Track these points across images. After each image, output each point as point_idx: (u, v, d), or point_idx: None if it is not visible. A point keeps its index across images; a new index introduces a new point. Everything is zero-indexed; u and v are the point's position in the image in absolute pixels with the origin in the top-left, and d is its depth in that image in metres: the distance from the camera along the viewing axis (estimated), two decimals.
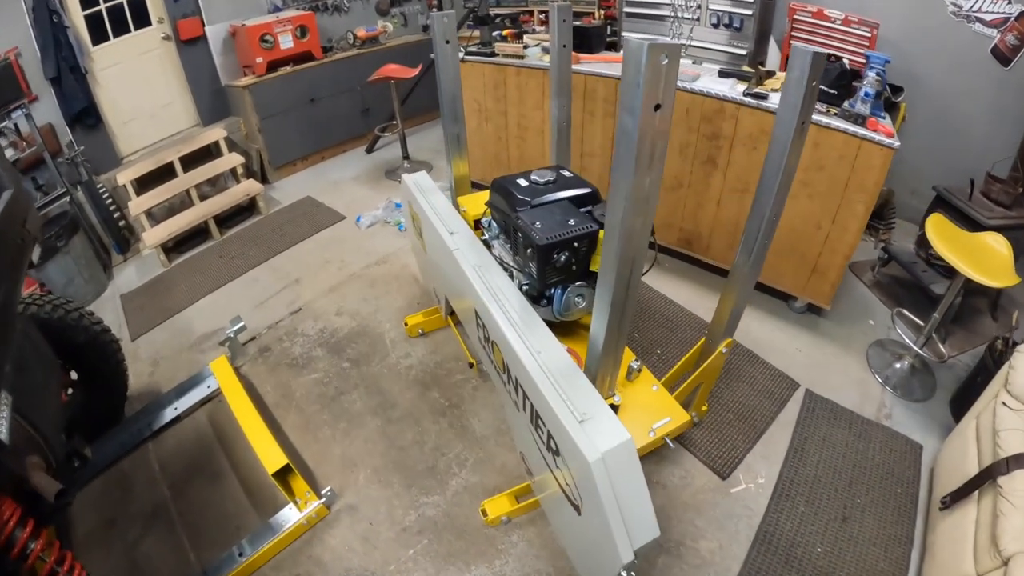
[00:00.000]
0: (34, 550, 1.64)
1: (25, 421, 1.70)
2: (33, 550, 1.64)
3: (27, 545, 1.63)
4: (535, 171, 2.08)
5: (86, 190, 4.37)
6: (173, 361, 3.42)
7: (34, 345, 2.10)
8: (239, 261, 4.29)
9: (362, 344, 3.23)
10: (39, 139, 4.07)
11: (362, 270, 3.93)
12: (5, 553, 1.59)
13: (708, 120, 3.03)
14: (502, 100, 3.91)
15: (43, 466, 1.77)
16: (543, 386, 1.52)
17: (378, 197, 4.84)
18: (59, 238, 3.90)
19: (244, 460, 2.67)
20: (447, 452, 2.57)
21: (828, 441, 2.53)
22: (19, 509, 1.64)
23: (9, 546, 1.59)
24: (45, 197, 4.19)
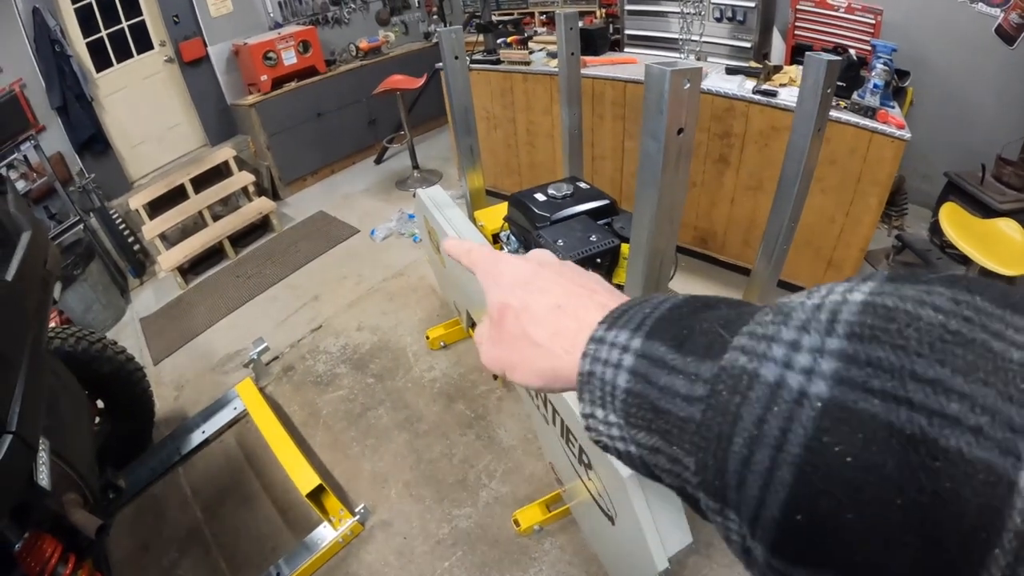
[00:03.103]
0: None
1: (60, 460, 1.73)
2: None
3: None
4: (552, 184, 2.10)
5: (99, 216, 4.42)
6: (197, 384, 3.47)
7: (62, 381, 2.14)
8: (256, 280, 4.34)
9: (385, 359, 3.27)
10: (49, 169, 4.13)
11: (380, 284, 3.97)
12: None
13: (718, 119, 3.05)
14: (510, 107, 3.94)
15: (80, 502, 1.81)
16: (573, 401, 1.55)
17: (390, 209, 4.89)
18: (75, 266, 3.95)
19: (275, 480, 2.71)
20: (476, 464, 2.61)
21: None
22: (60, 545, 1.67)
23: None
24: (59, 226, 4.25)
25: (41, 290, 1.88)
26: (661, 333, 0.33)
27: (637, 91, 3.22)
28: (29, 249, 1.83)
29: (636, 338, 0.34)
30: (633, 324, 0.35)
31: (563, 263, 0.48)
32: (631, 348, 0.34)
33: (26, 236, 1.88)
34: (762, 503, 0.25)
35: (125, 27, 4.69)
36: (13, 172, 4.04)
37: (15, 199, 2.05)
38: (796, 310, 0.27)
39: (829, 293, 0.27)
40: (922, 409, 0.22)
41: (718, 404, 0.27)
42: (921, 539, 0.21)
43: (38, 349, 1.70)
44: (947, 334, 0.22)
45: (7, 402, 1.40)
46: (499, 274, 0.48)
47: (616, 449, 0.35)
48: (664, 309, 0.35)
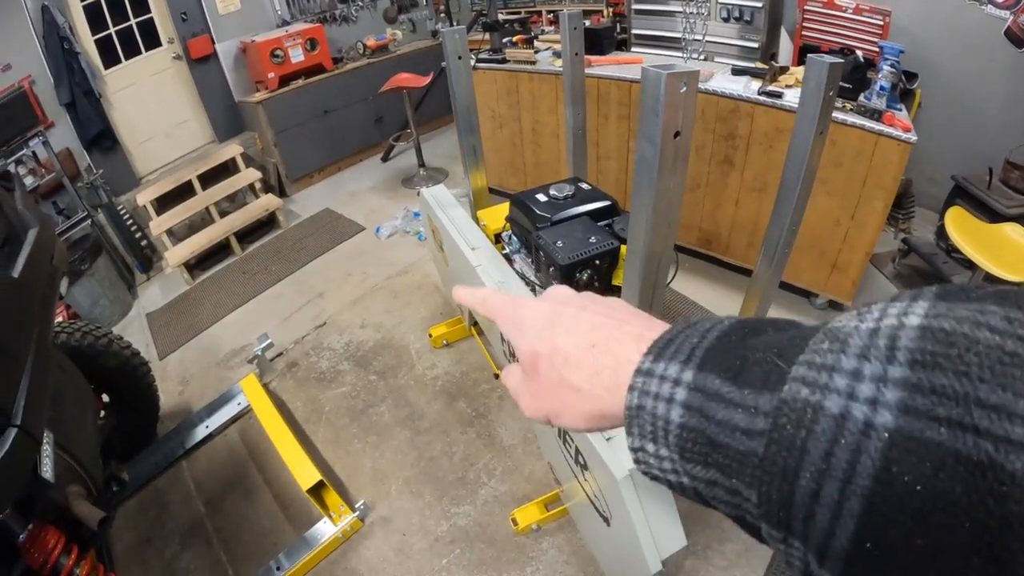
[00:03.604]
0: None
1: (65, 453, 1.76)
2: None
3: (72, 572, 1.70)
4: (553, 185, 2.11)
5: (107, 212, 4.47)
6: (202, 379, 3.51)
7: (68, 375, 2.17)
8: (262, 276, 4.38)
9: (388, 356, 3.29)
10: (57, 165, 4.18)
11: (384, 281, 3.99)
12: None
13: (723, 120, 3.05)
14: (515, 106, 3.95)
15: (84, 494, 1.84)
16: None
17: (396, 207, 4.91)
18: (83, 261, 3.99)
19: (277, 475, 2.74)
20: (476, 462, 2.62)
21: None
22: (63, 537, 1.71)
23: (55, 573, 1.67)
24: (67, 221, 4.29)
25: (47, 286, 1.91)
26: (713, 364, 0.32)
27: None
28: (36, 245, 1.85)
29: (687, 370, 0.33)
30: (682, 355, 0.34)
31: (583, 296, 0.47)
32: (683, 381, 0.33)
33: (33, 232, 1.90)
34: (831, 534, 0.25)
35: (133, 24, 4.74)
36: (22, 168, 4.07)
37: (22, 196, 2.08)
38: (852, 336, 0.27)
39: (883, 316, 0.27)
40: (987, 435, 0.22)
41: (782, 439, 0.27)
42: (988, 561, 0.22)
43: (44, 344, 1.72)
44: (1005, 356, 0.23)
45: (12, 396, 1.42)
46: (520, 320, 0.47)
47: (668, 481, 0.35)
48: (713, 338, 0.34)
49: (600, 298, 0.46)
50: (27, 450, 1.43)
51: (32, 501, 1.64)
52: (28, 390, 1.47)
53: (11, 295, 1.56)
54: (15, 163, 4.01)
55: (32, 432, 1.44)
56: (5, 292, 1.54)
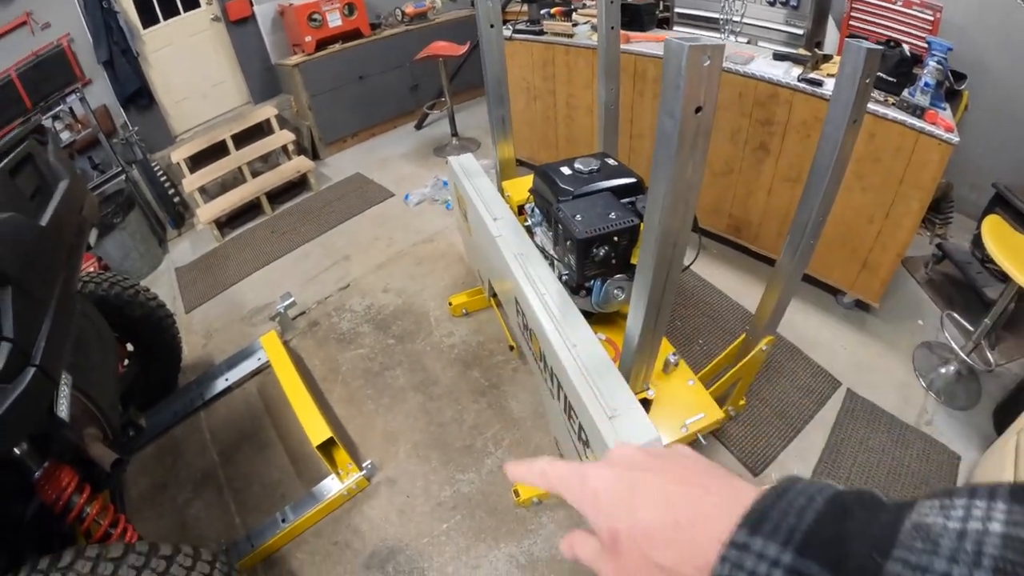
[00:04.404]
0: (90, 514, 1.78)
1: (83, 396, 1.81)
2: (89, 514, 1.78)
3: (84, 510, 1.76)
4: (579, 159, 2.08)
5: (141, 168, 4.53)
6: (226, 333, 3.57)
7: (92, 323, 2.22)
8: (290, 236, 4.42)
9: (407, 321, 3.32)
10: (93, 121, 4.26)
11: (410, 248, 4.02)
12: (63, 516, 1.73)
13: (761, 105, 2.98)
14: (551, 79, 3.90)
15: (100, 436, 1.89)
16: (576, 380, 1.56)
17: (426, 175, 4.91)
18: (115, 215, 4.08)
19: (291, 431, 2.79)
20: (485, 431, 2.64)
21: (865, 445, 2.48)
22: (76, 476, 1.77)
23: (67, 510, 1.73)
24: (101, 176, 4.40)
25: (75, 235, 1.94)
26: (813, 550, 0.32)
27: None
28: (65, 196, 1.88)
29: (786, 553, 0.33)
30: (781, 536, 0.34)
31: (653, 455, 0.45)
32: (782, 563, 0.33)
33: (63, 184, 1.94)
34: None
35: None
36: (59, 123, 4.16)
37: (55, 149, 2.12)
38: (943, 537, 0.29)
39: (968, 517, 0.30)
40: None
41: None
42: None
43: (68, 291, 1.76)
44: None
45: (33, 337, 1.46)
46: (592, 495, 0.45)
47: None
48: (811, 520, 0.34)
49: (669, 453, 0.45)
50: (44, 389, 1.46)
51: (49, 440, 1.70)
52: (49, 333, 1.51)
53: (38, 242, 1.59)
54: (52, 118, 4.09)
55: (50, 372, 1.48)
56: (32, 239, 1.57)
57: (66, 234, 1.84)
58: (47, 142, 2.14)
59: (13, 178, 1.70)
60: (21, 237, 1.53)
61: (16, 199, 1.64)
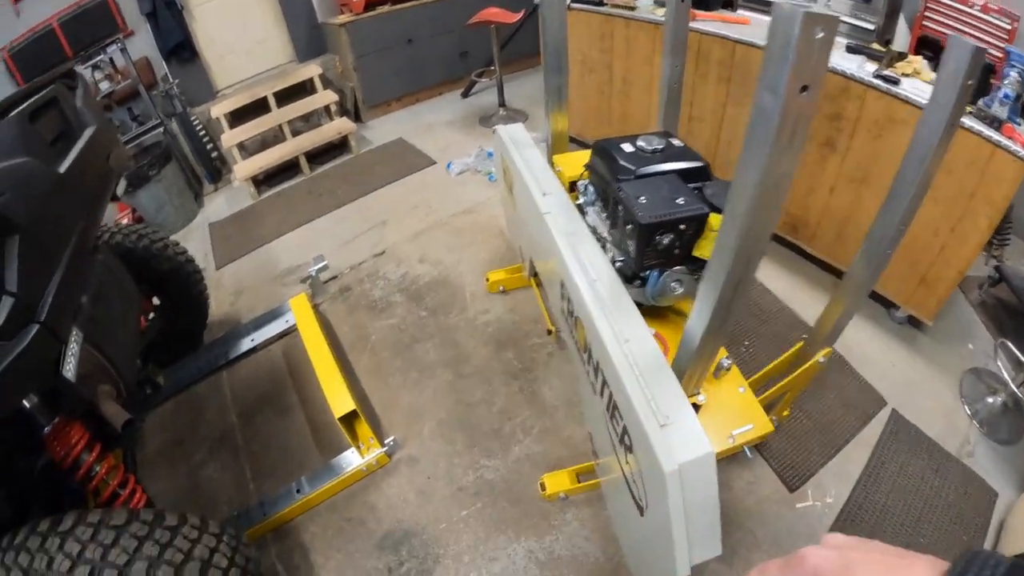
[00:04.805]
0: (98, 473, 1.72)
1: (98, 351, 1.72)
2: (97, 473, 1.72)
3: (92, 468, 1.71)
4: (642, 136, 1.92)
5: (180, 121, 4.49)
6: (255, 292, 3.50)
7: (115, 276, 2.12)
8: (327, 199, 4.32)
9: (442, 294, 3.21)
10: (134, 72, 4.23)
11: (449, 218, 3.88)
12: (71, 474, 1.67)
13: (832, 98, 2.79)
14: (608, 52, 3.72)
15: (114, 394, 1.80)
16: (627, 380, 1.42)
17: (470, 144, 4.75)
18: (151, 167, 4.04)
19: (313, 398, 2.70)
20: (514, 417, 2.52)
21: (905, 470, 2.33)
22: (87, 434, 1.71)
23: (75, 467, 1.67)
24: (140, 127, 4.36)
25: (98, 185, 1.86)
26: None
27: (748, 54, 2.98)
28: (90, 144, 1.79)
29: None
30: None
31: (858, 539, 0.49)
32: None
33: (89, 131, 1.85)
34: None
35: None
36: (98, 73, 4.13)
37: (84, 95, 2.02)
38: None
39: None
40: None
41: None
42: None
43: (85, 242, 1.67)
44: None
45: (40, 292, 1.38)
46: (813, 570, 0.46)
47: None
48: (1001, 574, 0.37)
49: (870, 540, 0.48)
50: (47, 348, 1.39)
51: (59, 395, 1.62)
52: (59, 287, 1.42)
53: (54, 190, 1.49)
54: (91, 68, 4.07)
55: (55, 330, 1.39)
56: (47, 186, 1.47)
57: (87, 183, 1.74)
58: (76, 87, 2.04)
59: (33, 122, 1.59)
60: (34, 184, 1.42)
61: (34, 144, 1.52)
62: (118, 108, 4.40)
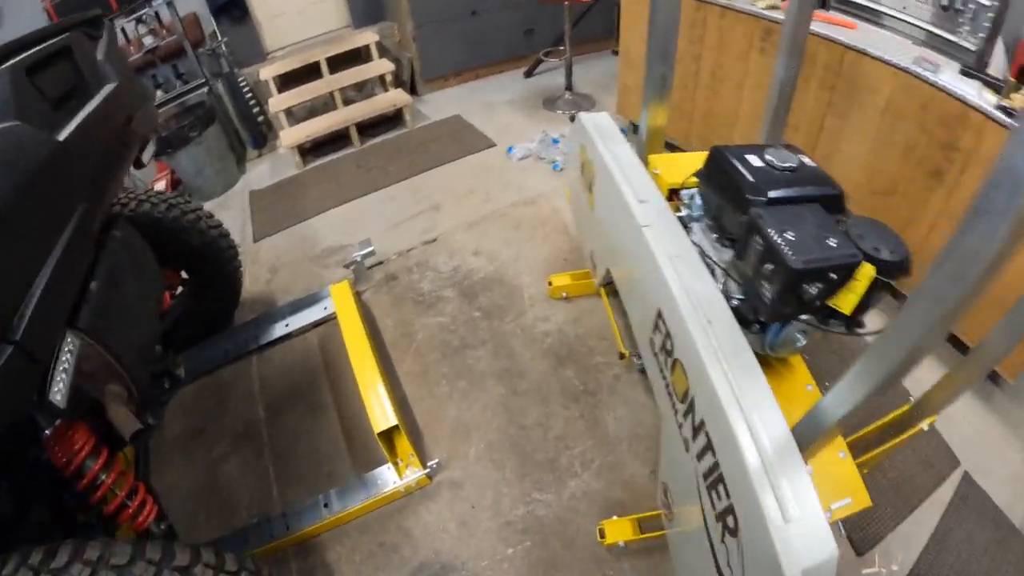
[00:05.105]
0: (105, 482, 1.51)
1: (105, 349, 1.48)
2: (104, 482, 1.51)
3: (98, 476, 1.50)
4: (769, 148, 1.61)
5: (226, 82, 4.32)
6: (293, 271, 3.29)
7: (132, 255, 1.87)
8: (377, 175, 4.07)
9: (497, 294, 2.92)
10: (180, 28, 4.04)
11: (507, 208, 3.57)
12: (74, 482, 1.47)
13: (945, 125, 2.44)
14: (697, 42, 3.37)
15: (124, 396, 1.57)
16: (750, 460, 1.15)
17: (533, 128, 4.42)
18: (193, 128, 3.88)
19: (349, 398, 2.49)
20: (572, 446, 2.25)
21: (971, 539, 2.06)
22: (92, 438, 1.50)
23: (79, 474, 1.47)
24: (184, 86, 4.21)
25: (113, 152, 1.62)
26: None
27: (859, 64, 2.63)
28: (105, 104, 1.54)
29: None
30: None
31: None
32: None
33: (108, 89, 1.60)
34: None
35: None
36: (142, 27, 3.97)
37: (108, 47, 1.76)
38: None
39: None
40: None
41: None
42: None
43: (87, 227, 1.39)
44: None
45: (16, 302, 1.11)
46: None
47: None
48: None
49: None
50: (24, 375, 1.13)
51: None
52: (44, 291, 1.15)
53: (48, 162, 1.21)
54: (135, 21, 3.91)
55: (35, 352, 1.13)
56: (39, 158, 1.19)
57: (95, 151, 1.48)
58: (100, 37, 1.78)
59: (35, 76, 1.32)
60: (21, 155, 1.15)
61: (28, 104, 1.25)
62: (162, 65, 4.22)
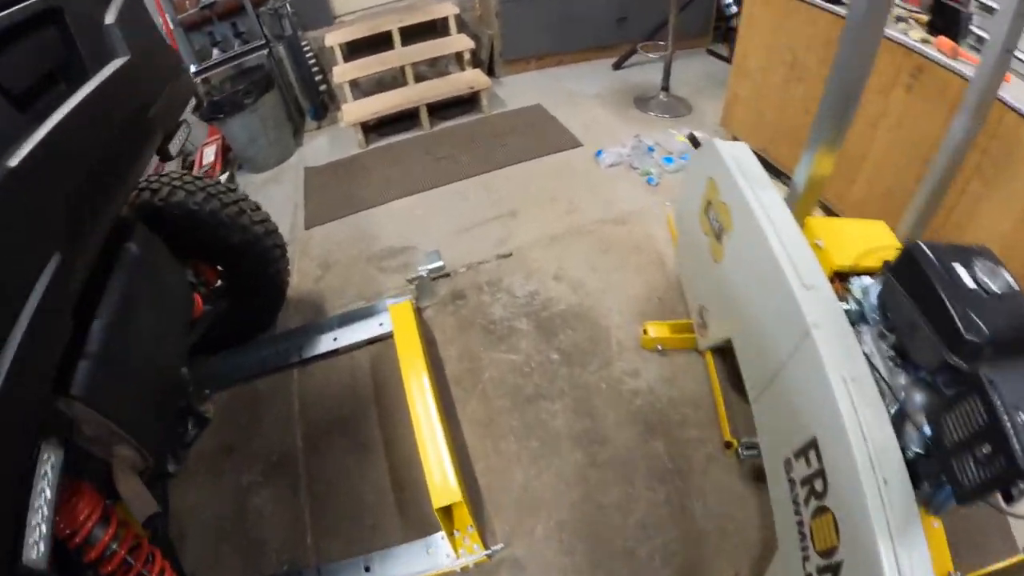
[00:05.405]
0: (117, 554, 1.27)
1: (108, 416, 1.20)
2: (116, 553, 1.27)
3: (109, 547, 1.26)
4: (977, 259, 1.23)
5: (288, 46, 4.10)
6: (346, 270, 3.01)
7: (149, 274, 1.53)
8: (448, 165, 3.73)
9: (580, 333, 2.54)
10: None
11: (594, 224, 3.15)
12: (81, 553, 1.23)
13: None
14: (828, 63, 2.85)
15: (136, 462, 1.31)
16: None
17: (623, 129, 3.97)
18: (248, 94, 3.66)
19: (401, 438, 2.18)
20: (655, 536, 1.91)
21: None
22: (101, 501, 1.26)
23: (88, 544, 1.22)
24: (243, 46, 3.98)
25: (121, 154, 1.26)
26: None
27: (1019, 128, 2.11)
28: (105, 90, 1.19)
29: None
30: None
31: None
32: None
33: (113, 67, 1.26)
34: None
35: None
36: None
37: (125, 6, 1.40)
38: None
39: None
40: None
41: None
42: None
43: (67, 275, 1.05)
44: None
45: None
46: None
47: None
48: None
49: None
50: None
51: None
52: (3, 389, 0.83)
53: None
54: None
55: None
56: None
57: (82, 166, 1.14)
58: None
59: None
60: None
61: None
62: (219, 23, 3.98)
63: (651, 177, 3.40)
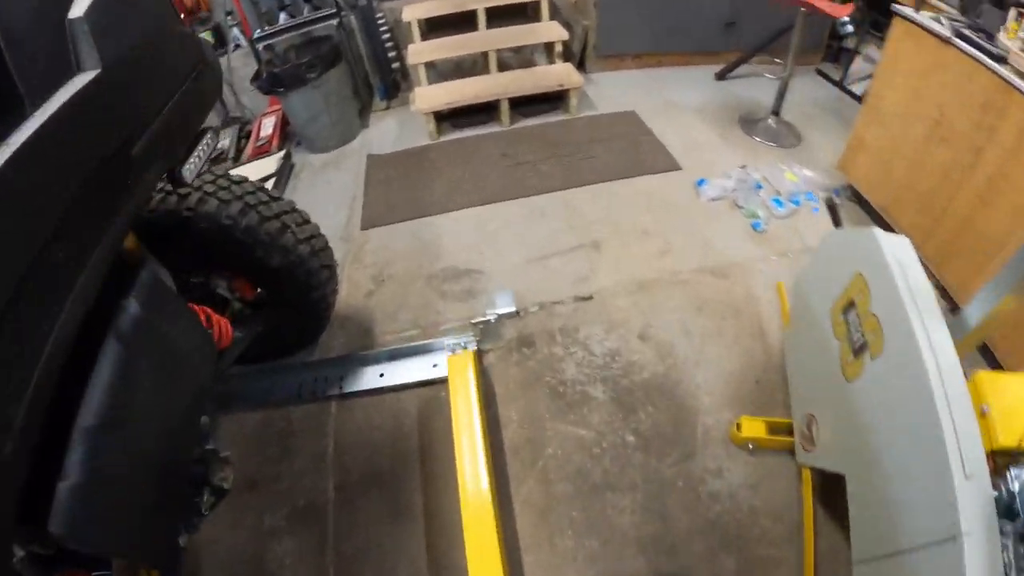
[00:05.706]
0: None
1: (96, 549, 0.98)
2: None
3: None
4: None
5: (361, 17, 3.86)
6: (402, 287, 2.74)
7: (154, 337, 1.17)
8: (526, 173, 3.40)
9: (663, 413, 2.20)
10: None
11: (691, 273, 2.76)
12: None
13: None
14: (984, 130, 2.38)
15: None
16: None
17: (727, 155, 3.54)
18: (312, 67, 3.42)
19: (445, 509, 1.93)
20: None
21: None
22: None
23: None
24: (314, 12, 3.78)
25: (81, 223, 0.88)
26: None
27: None
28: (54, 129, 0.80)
29: None
30: None
31: None
32: None
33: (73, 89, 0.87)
34: None
35: None
36: None
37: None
38: None
39: None
40: None
41: None
42: None
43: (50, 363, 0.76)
44: None
45: None
46: None
47: None
48: None
49: None
50: None
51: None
52: None
53: None
54: None
55: None
56: None
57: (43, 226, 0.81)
58: None
59: None
60: None
61: None
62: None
63: (757, 222, 2.97)
